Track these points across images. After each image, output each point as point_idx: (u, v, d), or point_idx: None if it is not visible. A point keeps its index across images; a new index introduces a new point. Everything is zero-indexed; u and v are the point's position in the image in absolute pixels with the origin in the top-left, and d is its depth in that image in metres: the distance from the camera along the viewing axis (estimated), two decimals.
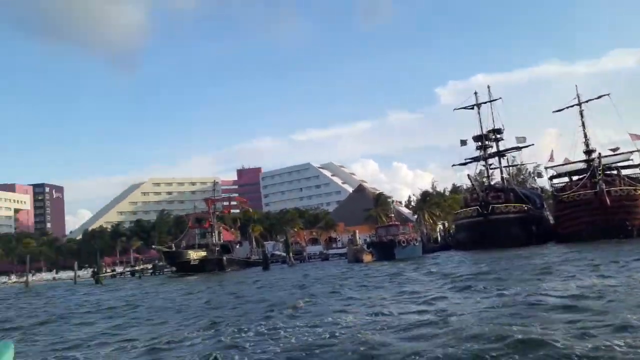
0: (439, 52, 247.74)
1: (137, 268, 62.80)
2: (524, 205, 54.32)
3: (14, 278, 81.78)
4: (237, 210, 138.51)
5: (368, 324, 10.41)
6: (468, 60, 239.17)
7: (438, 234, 70.24)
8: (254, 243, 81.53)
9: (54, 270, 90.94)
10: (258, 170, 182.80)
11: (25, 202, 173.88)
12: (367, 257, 46.73)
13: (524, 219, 52.23)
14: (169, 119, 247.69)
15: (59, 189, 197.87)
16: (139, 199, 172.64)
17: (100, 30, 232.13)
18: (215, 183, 65.00)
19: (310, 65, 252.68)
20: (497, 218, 50.76)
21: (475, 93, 64.04)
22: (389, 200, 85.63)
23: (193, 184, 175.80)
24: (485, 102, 62.74)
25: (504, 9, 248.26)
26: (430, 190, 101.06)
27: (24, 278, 65.00)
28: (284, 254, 58.06)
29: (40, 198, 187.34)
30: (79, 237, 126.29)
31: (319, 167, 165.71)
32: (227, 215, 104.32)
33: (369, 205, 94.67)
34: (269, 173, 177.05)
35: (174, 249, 53.42)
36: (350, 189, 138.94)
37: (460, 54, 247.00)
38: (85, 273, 68.01)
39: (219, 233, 57.53)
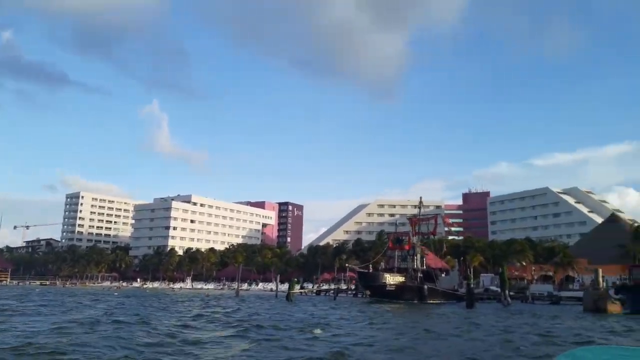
0: None
1: (325, 288, 60.51)
2: None
3: (244, 286, 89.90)
4: (460, 237, 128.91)
5: None
6: None
7: None
8: (472, 275, 71.90)
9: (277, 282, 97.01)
10: (486, 194, 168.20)
11: (271, 218, 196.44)
12: (612, 307, 34.36)
13: None
14: (410, 144, 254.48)
15: (300, 208, 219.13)
16: (364, 219, 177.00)
17: (361, 62, 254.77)
18: (420, 202, 58.81)
19: (563, 79, 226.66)
20: None
21: None
22: None
23: (415, 207, 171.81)
24: None
25: None
26: None
27: (244, 286, 69.64)
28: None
29: (283, 215, 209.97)
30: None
31: (560, 193, 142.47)
32: (445, 240, 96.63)
33: (625, 240, 74.84)
34: (497, 198, 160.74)
35: (370, 270, 49.30)
36: (600, 220, 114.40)
37: None
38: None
39: (422, 257, 51.07)
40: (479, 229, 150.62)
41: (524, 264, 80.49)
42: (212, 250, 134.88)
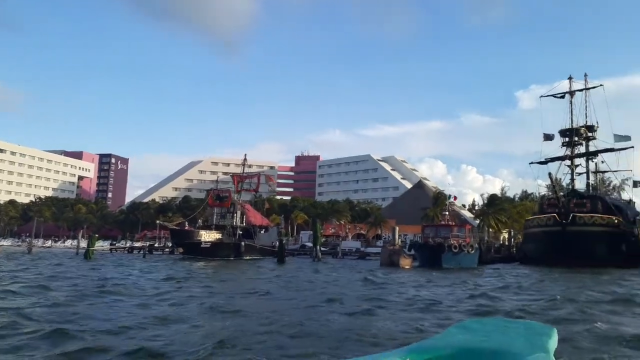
0: (526, 54, 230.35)
1: (138, 245, 57.44)
2: (613, 218, 44.42)
3: (48, 242, 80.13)
4: (289, 197, 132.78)
5: None
6: (557, 64, 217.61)
7: (501, 243, 59.85)
8: (295, 231, 74.46)
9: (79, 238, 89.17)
10: (316, 158, 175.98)
11: (89, 170, 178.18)
12: (404, 262, 37.98)
13: (613, 234, 43.77)
14: (252, 105, 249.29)
15: (125, 161, 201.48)
16: (196, 176, 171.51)
17: (208, 13, 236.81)
18: (244, 159, 58.11)
19: (400, 57, 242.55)
20: (578, 230, 42.24)
21: (570, 78, 54.05)
22: (448, 197, 74.61)
23: (249, 166, 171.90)
24: (580, 90, 53.00)
25: (602, 15, 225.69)
26: (499, 195, 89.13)
27: (47, 243, 61.99)
28: None
29: (105, 168, 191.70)
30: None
31: (379, 160, 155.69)
32: (273, 199, 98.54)
33: (428, 204, 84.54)
34: (326, 162, 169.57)
35: (186, 227, 47.28)
36: (410, 186, 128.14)
37: (548, 56, 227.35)
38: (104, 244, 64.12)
39: (242, 214, 50.59)
40: (309, 190, 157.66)
41: (342, 222, 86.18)
42: (12, 202, 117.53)
